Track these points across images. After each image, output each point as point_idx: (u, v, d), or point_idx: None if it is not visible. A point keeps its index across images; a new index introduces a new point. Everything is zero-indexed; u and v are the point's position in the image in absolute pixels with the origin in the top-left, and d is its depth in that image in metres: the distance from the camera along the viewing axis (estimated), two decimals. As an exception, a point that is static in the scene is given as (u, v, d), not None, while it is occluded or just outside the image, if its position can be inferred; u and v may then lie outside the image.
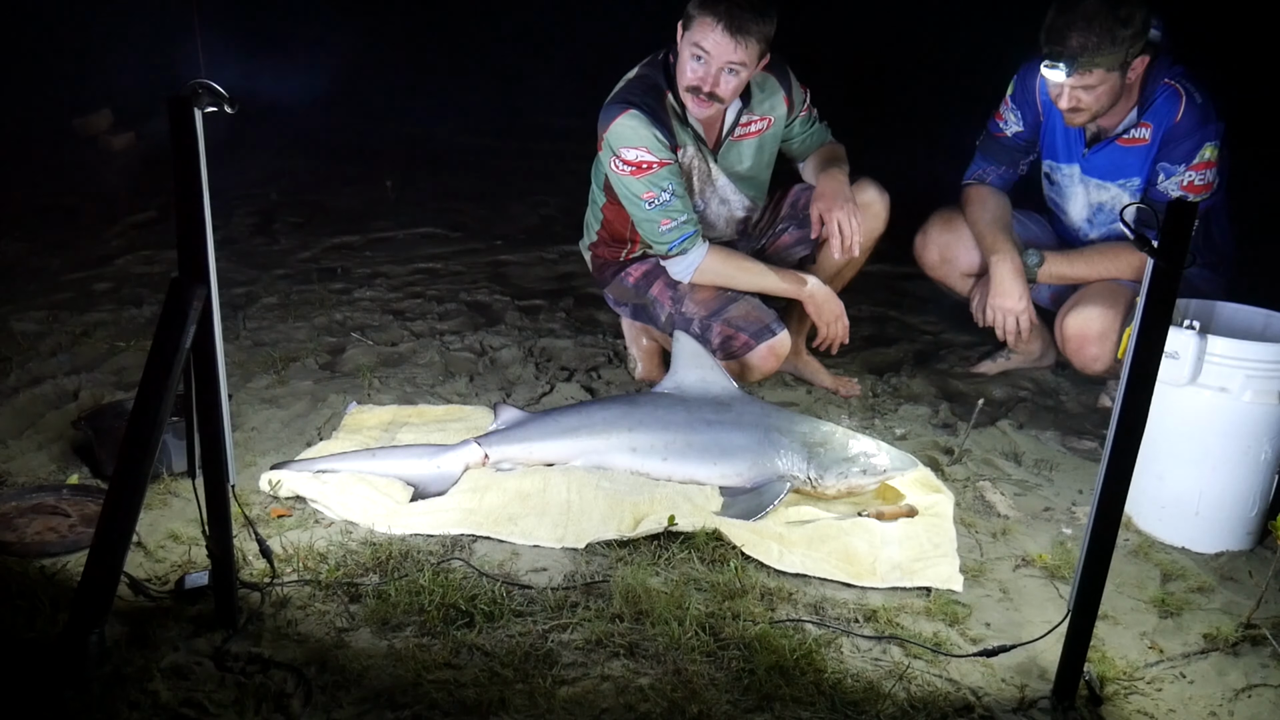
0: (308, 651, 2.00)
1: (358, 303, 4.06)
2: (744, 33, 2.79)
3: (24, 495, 2.53)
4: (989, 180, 3.32)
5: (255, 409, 3.10)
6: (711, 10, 2.79)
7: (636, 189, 2.94)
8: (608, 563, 2.35)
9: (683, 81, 2.89)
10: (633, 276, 3.24)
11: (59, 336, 3.56)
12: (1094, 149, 3.11)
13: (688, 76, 2.87)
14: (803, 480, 2.65)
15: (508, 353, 3.61)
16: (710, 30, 2.79)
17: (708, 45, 2.81)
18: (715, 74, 2.84)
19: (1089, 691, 1.97)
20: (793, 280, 3.07)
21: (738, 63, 2.83)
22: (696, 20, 2.82)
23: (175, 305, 1.84)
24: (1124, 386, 1.80)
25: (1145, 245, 1.76)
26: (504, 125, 7.20)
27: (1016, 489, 2.81)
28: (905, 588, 2.31)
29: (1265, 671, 2.10)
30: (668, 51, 2.97)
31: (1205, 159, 2.92)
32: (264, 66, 4.67)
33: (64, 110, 6.57)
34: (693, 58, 2.84)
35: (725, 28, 2.78)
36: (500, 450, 2.75)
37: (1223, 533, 2.54)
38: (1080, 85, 2.86)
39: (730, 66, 2.83)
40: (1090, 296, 3.12)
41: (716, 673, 1.98)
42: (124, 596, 2.11)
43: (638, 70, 3.02)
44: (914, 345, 3.82)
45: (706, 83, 2.85)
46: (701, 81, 2.85)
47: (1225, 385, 2.46)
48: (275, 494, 2.59)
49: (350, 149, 6.55)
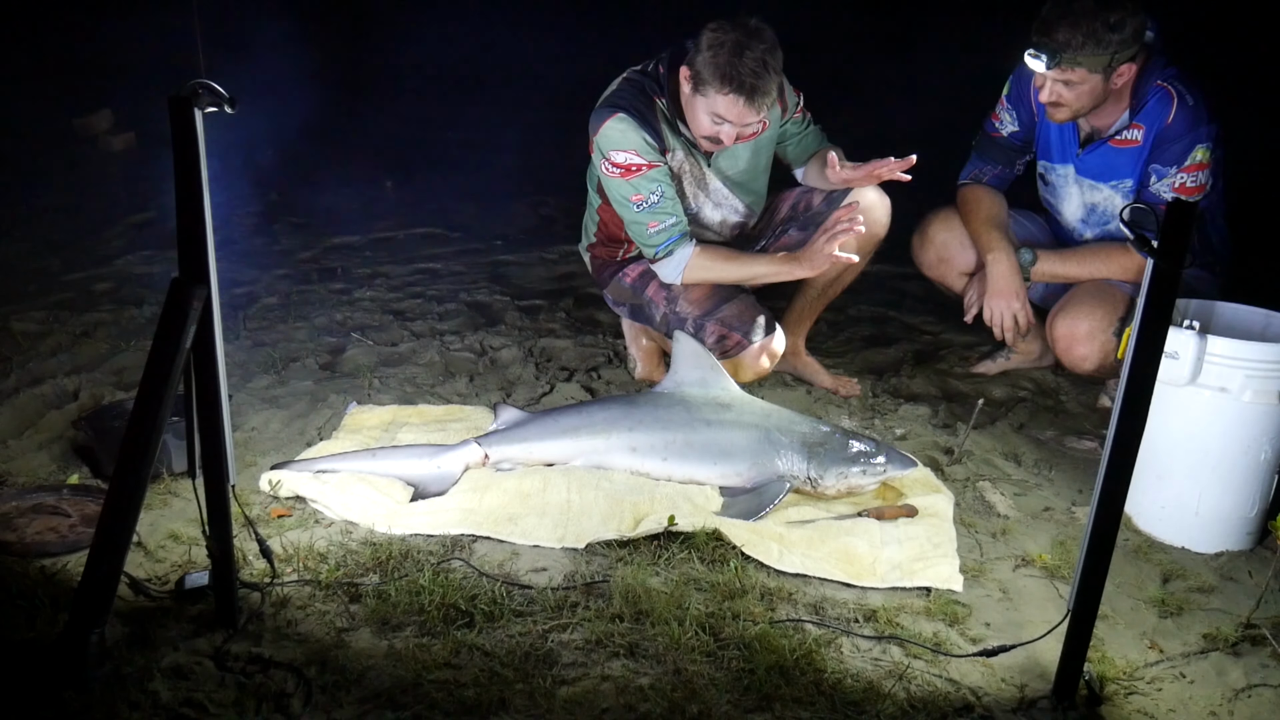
0: (308, 651, 2.00)
1: (358, 303, 4.06)
2: (764, 96, 2.79)
3: (24, 495, 2.53)
4: (985, 180, 3.33)
5: (255, 409, 3.10)
6: (733, 88, 2.76)
7: (625, 191, 2.95)
8: (608, 563, 2.35)
9: (698, 130, 2.91)
10: (629, 277, 3.24)
11: (59, 336, 3.56)
12: (1087, 150, 3.11)
13: (705, 129, 2.88)
14: (803, 480, 2.65)
15: (508, 353, 3.61)
16: (732, 106, 2.79)
17: (730, 116, 2.82)
18: (734, 134, 2.87)
19: (1089, 691, 1.97)
20: (782, 261, 3.05)
21: (757, 121, 2.87)
22: (713, 91, 2.79)
23: (175, 305, 1.84)
24: (1124, 386, 1.81)
25: (1145, 246, 1.76)
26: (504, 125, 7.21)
27: (1016, 489, 2.81)
28: (905, 588, 2.31)
29: (1265, 671, 2.10)
30: (657, 62, 2.98)
31: (1197, 161, 2.92)
32: (264, 66, 4.68)
33: (64, 110, 6.57)
34: (711, 120, 2.85)
35: (747, 103, 2.78)
36: (500, 450, 2.75)
37: (1223, 533, 2.54)
38: (1061, 80, 2.86)
39: (749, 125, 2.87)
40: (1079, 297, 3.12)
41: (716, 673, 1.98)
42: (124, 596, 2.11)
43: (627, 74, 3.02)
44: (914, 345, 3.82)
45: (728, 140, 2.88)
46: (723, 138, 2.88)
47: (1225, 385, 2.46)
48: (275, 494, 2.59)
49: (350, 149, 6.54)
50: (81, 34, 7.64)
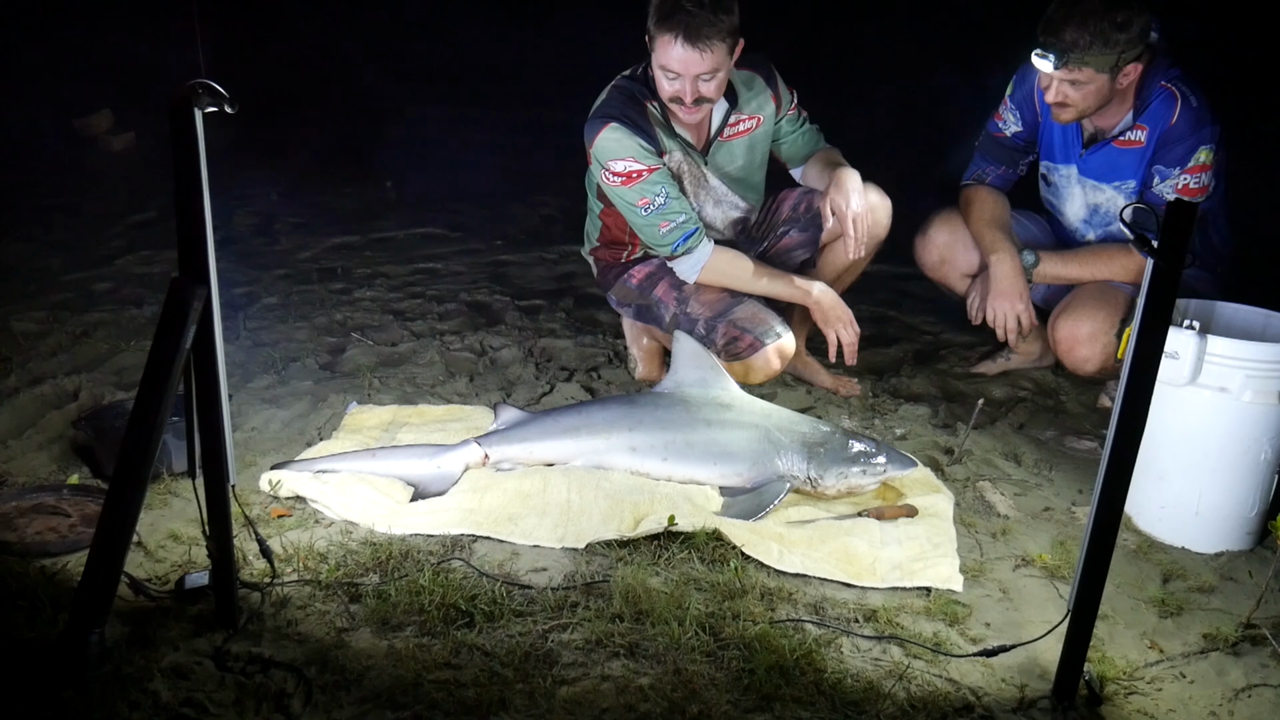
0: (308, 651, 2.00)
1: (358, 303, 4.06)
2: (704, 40, 2.75)
3: (24, 495, 2.53)
4: (988, 180, 3.32)
5: (255, 409, 3.10)
6: (668, 27, 2.75)
7: (630, 197, 2.95)
8: (608, 563, 2.35)
9: (664, 95, 2.90)
10: (636, 278, 3.24)
11: (59, 336, 3.56)
12: (1090, 150, 3.11)
13: (666, 91, 2.87)
14: (803, 480, 2.65)
15: (508, 353, 3.61)
16: (671, 47, 2.77)
17: (674, 65, 2.79)
18: (691, 86, 2.83)
19: (1089, 691, 1.97)
20: (799, 286, 3.07)
21: (707, 71, 2.81)
22: (657, 40, 2.80)
23: (175, 305, 1.84)
24: (1124, 386, 1.81)
25: (1145, 246, 1.76)
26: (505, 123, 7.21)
27: (1016, 489, 2.81)
28: (905, 588, 2.31)
29: (1265, 671, 2.10)
30: (645, 66, 2.97)
31: (1200, 162, 2.92)
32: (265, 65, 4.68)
33: (64, 110, 6.57)
34: (665, 77, 2.84)
35: (685, 41, 2.75)
36: (500, 450, 2.75)
37: (1223, 533, 2.54)
38: (1068, 80, 2.86)
39: (702, 77, 2.82)
40: (1081, 299, 3.12)
41: (716, 673, 1.98)
42: (124, 596, 2.11)
43: (616, 83, 3.03)
44: (914, 345, 3.82)
45: (686, 94, 2.85)
46: (680, 94, 2.85)
47: (1225, 385, 2.46)
48: (275, 494, 2.59)
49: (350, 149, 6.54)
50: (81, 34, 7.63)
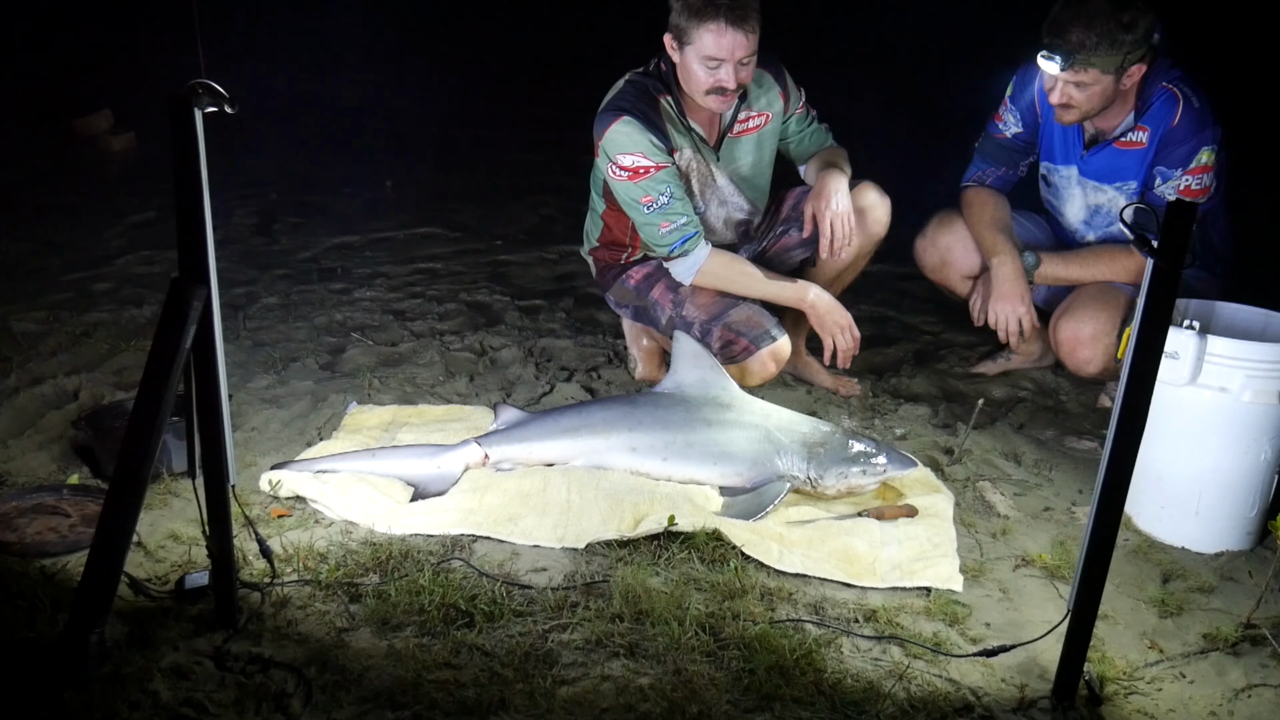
0: (308, 651, 2.00)
1: (358, 303, 4.06)
2: (748, 21, 2.78)
3: (24, 495, 2.53)
4: (988, 182, 3.32)
5: (255, 409, 3.10)
6: (710, 15, 2.76)
7: (635, 194, 2.95)
8: (608, 563, 2.35)
9: (700, 88, 2.88)
10: (634, 279, 3.24)
11: (59, 336, 3.56)
12: (1091, 151, 3.11)
13: (705, 83, 2.86)
14: (803, 480, 2.65)
15: (508, 353, 3.61)
16: (715, 34, 2.77)
17: (721, 51, 2.79)
18: (734, 73, 2.83)
19: (1089, 691, 1.97)
20: (794, 290, 3.06)
21: (750, 54, 2.83)
22: (697, 31, 2.79)
23: (175, 305, 1.84)
24: (1124, 386, 1.80)
25: (1145, 246, 1.76)
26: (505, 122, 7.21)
27: (1016, 489, 2.81)
28: (905, 588, 2.31)
29: (1265, 671, 2.10)
30: (659, 60, 2.97)
31: (1202, 163, 2.92)
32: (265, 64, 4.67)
33: (64, 110, 6.57)
34: (705, 68, 2.83)
35: (730, 25, 2.76)
36: (500, 450, 2.75)
37: (1223, 533, 2.54)
38: (1073, 81, 2.85)
39: (742, 61, 2.83)
40: (1083, 300, 3.12)
41: (716, 673, 1.98)
42: (124, 596, 2.11)
43: (629, 77, 3.02)
44: (914, 345, 3.82)
45: (730, 80, 2.84)
46: (725, 82, 2.84)
47: (1225, 385, 2.46)
48: (275, 494, 2.59)
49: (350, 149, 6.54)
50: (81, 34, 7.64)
